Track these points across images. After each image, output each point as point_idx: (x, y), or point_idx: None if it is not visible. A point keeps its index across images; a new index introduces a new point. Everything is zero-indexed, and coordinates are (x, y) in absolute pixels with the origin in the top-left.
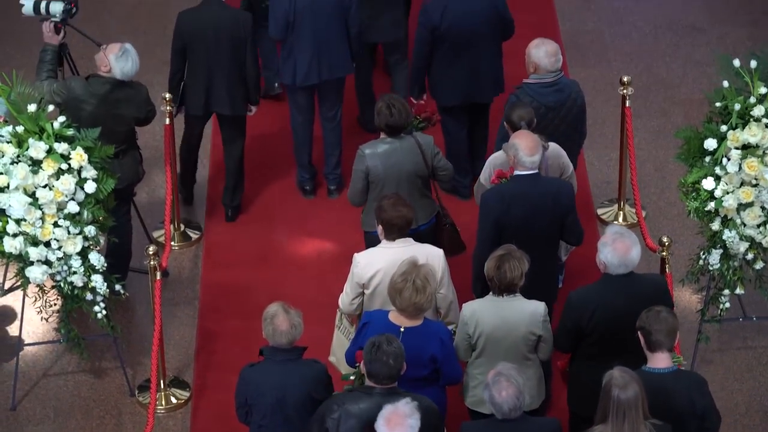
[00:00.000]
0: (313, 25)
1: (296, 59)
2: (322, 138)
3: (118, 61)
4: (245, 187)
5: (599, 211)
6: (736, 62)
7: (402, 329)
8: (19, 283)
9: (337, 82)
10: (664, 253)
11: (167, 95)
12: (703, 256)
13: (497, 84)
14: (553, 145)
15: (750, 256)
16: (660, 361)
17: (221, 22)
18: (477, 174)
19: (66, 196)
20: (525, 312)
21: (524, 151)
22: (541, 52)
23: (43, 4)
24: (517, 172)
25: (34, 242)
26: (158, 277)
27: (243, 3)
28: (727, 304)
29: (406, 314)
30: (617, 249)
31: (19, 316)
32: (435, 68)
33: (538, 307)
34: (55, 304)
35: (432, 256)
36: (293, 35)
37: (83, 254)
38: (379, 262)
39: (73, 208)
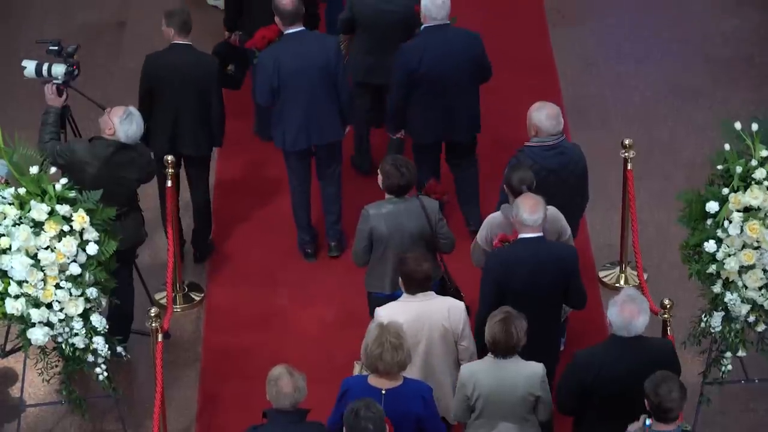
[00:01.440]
0: (299, 91)
1: (285, 124)
2: (320, 195)
3: (123, 124)
4: (250, 248)
5: (601, 274)
6: (738, 125)
7: (383, 391)
8: (20, 345)
9: (331, 146)
10: (666, 316)
11: (169, 158)
12: (705, 319)
13: (473, 124)
14: (551, 209)
15: (752, 318)
16: (666, 427)
17: (187, 66)
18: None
19: (68, 258)
20: (523, 373)
21: (525, 211)
22: (542, 115)
23: (45, 67)
24: (521, 236)
25: (36, 304)
26: (160, 339)
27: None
28: (729, 367)
29: (388, 376)
30: (623, 312)
31: (20, 377)
32: (411, 108)
33: (537, 368)
34: (56, 366)
35: (453, 308)
36: (280, 101)
37: (85, 316)
38: (401, 316)
39: (74, 270)
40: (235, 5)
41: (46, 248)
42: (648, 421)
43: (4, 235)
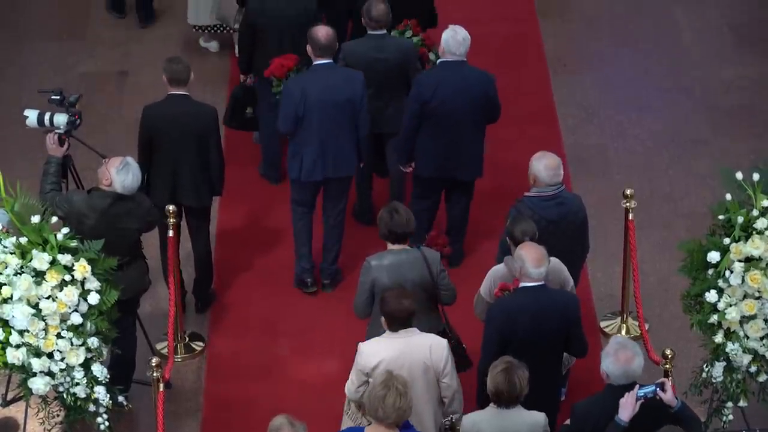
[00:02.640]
0: (321, 122)
1: (303, 155)
2: (323, 231)
3: (119, 174)
4: (253, 296)
5: (602, 324)
6: (739, 175)
7: None
8: (21, 394)
9: (342, 180)
10: (668, 366)
11: (171, 207)
12: (706, 369)
13: (475, 165)
14: (553, 260)
15: (753, 368)
16: None
17: (185, 116)
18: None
19: (69, 307)
20: (526, 423)
21: (531, 263)
22: (541, 165)
23: (47, 116)
24: (522, 284)
25: (37, 353)
26: (161, 389)
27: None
28: (731, 417)
29: (386, 424)
30: (619, 359)
31: (21, 427)
32: (419, 139)
33: (539, 418)
34: (58, 415)
35: (435, 345)
36: (302, 131)
37: (86, 365)
38: (382, 352)
39: (76, 319)
40: (249, 47)
41: (48, 298)
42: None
43: (5, 284)
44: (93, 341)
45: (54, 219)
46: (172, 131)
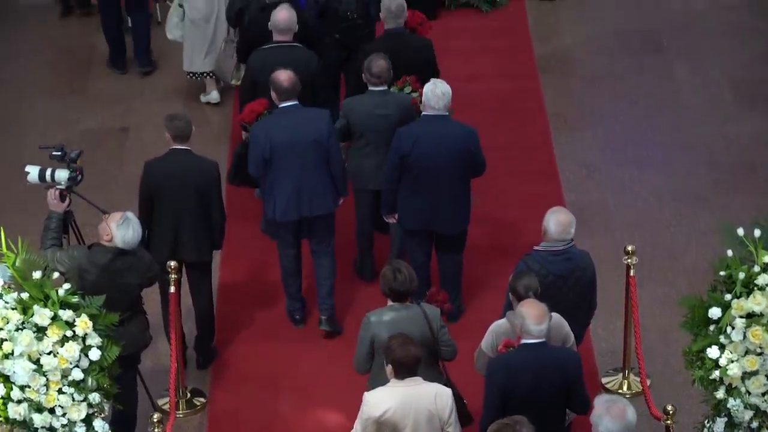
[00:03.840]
0: (290, 163)
1: (276, 195)
2: (314, 269)
3: (119, 229)
4: (247, 346)
5: (604, 380)
6: (740, 231)
7: None
8: None
9: (323, 218)
10: (669, 422)
11: (172, 263)
12: (708, 425)
13: (460, 217)
14: (555, 316)
15: (755, 424)
16: None
17: (187, 171)
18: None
19: (70, 363)
20: None
21: (531, 320)
22: (552, 219)
23: (48, 172)
24: (524, 341)
25: (39, 409)
26: None
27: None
28: None
29: None
30: (614, 415)
31: None
32: (401, 193)
33: None
34: None
35: (440, 394)
36: (272, 172)
37: (87, 421)
38: (388, 401)
39: (77, 375)
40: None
41: (49, 353)
42: None
43: (6, 339)
44: (94, 397)
45: (55, 275)
46: (173, 186)
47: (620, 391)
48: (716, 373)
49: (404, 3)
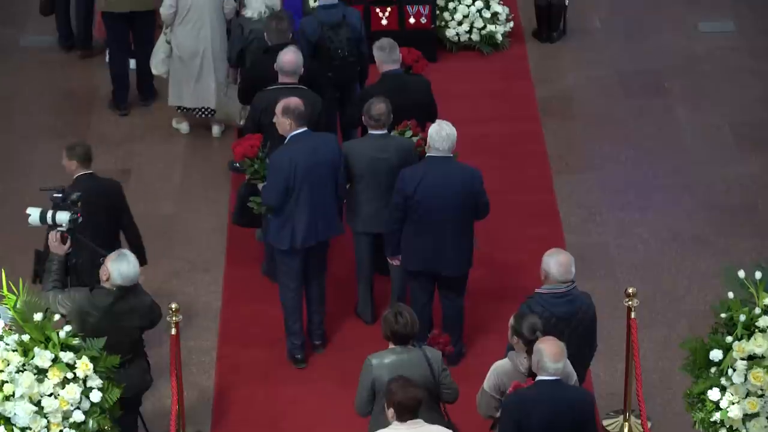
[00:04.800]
0: (311, 189)
1: (294, 224)
2: (306, 297)
3: (114, 263)
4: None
5: (605, 423)
6: (741, 273)
7: None
8: None
9: (325, 243)
10: None
11: (174, 305)
12: None
13: (462, 260)
14: None
15: None
16: None
17: (96, 193)
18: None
19: (71, 405)
20: None
21: (549, 358)
22: (552, 261)
23: (49, 214)
24: (539, 378)
25: None
26: None
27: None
28: None
29: None
30: None
31: None
32: (404, 234)
33: None
34: None
35: None
36: (292, 201)
37: None
38: None
39: (78, 417)
40: None
41: (50, 395)
42: None
43: (7, 381)
44: None
45: (56, 317)
46: (90, 210)
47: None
48: (717, 416)
49: (393, 40)
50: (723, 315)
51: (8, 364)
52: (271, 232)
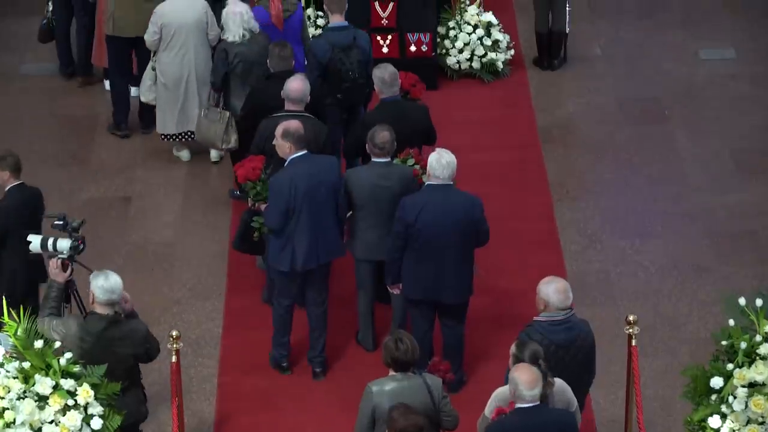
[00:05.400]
0: (311, 211)
1: (295, 246)
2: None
3: (94, 280)
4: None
5: None
6: (742, 301)
7: None
8: None
9: (326, 266)
10: None
11: (174, 332)
12: None
13: (462, 288)
14: (558, 381)
15: None
16: None
17: (22, 204)
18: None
19: None
20: None
21: (524, 386)
22: (550, 289)
23: (50, 241)
24: (518, 406)
25: None
26: None
27: None
28: None
29: None
30: None
31: None
32: (405, 262)
33: None
34: None
35: None
36: (292, 224)
37: None
38: None
39: None
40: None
41: (51, 422)
42: None
43: (8, 408)
44: None
45: (57, 344)
46: (24, 219)
47: None
48: None
49: (396, 71)
50: (724, 342)
51: (9, 391)
52: (271, 253)
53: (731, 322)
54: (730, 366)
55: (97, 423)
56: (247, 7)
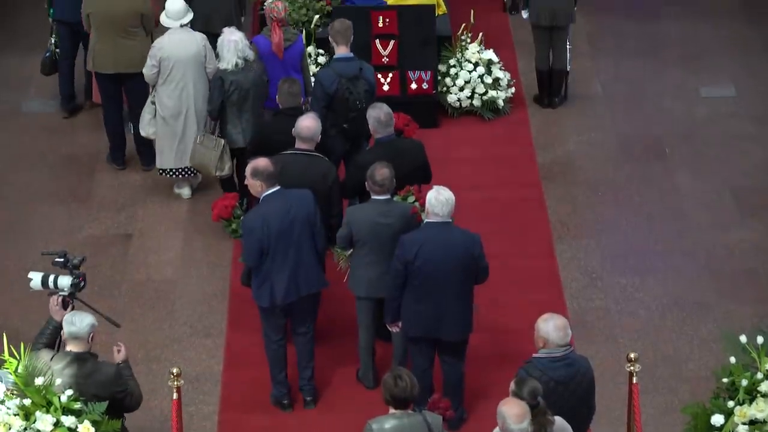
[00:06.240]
0: (287, 248)
1: (273, 282)
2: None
3: (65, 320)
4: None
5: None
6: (743, 338)
7: None
8: None
9: (310, 298)
10: None
11: (175, 370)
12: None
13: (462, 325)
14: (558, 419)
15: None
16: None
17: None
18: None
19: None
20: None
21: (512, 420)
22: (550, 327)
23: (51, 278)
24: None
25: None
26: None
27: None
28: None
29: None
30: None
31: None
32: (405, 299)
33: None
34: None
35: None
36: (268, 261)
37: None
38: None
39: None
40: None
41: None
42: None
43: None
44: None
45: (58, 381)
46: None
47: None
48: None
49: (390, 111)
50: (725, 380)
51: (10, 429)
52: (252, 289)
53: (732, 359)
54: (730, 403)
55: None
56: (242, 35)
